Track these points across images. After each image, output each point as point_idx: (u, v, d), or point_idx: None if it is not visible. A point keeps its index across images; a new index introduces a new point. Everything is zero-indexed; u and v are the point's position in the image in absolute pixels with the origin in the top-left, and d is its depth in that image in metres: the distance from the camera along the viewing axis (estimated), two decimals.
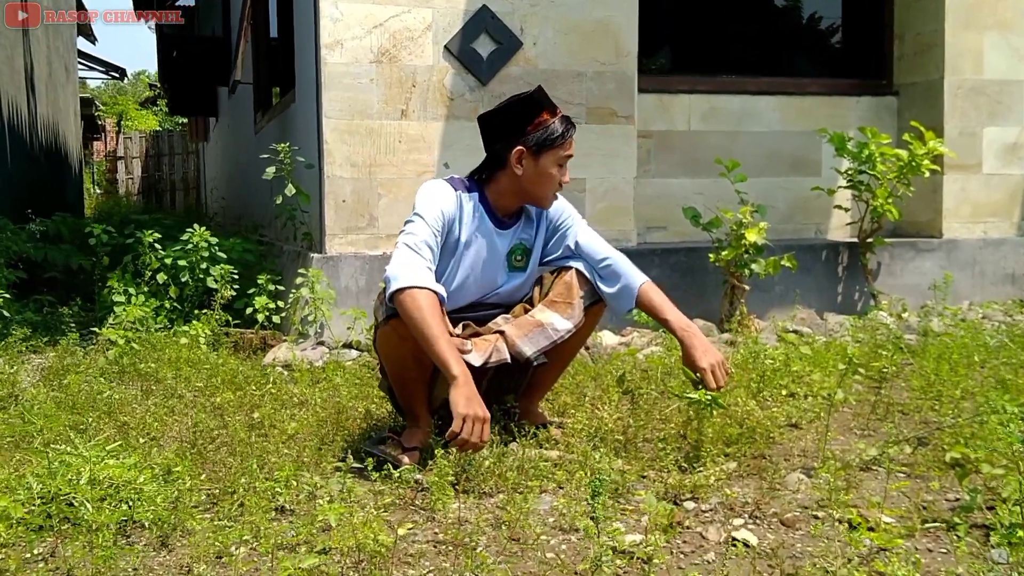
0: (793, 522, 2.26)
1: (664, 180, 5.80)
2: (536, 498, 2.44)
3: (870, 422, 3.26)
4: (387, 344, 2.83)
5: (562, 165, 2.91)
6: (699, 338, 2.90)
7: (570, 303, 2.97)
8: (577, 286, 3.00)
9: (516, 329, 2.91)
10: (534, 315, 2.97)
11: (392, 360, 2.87)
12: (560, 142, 2.87)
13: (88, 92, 25.26)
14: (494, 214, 2.96)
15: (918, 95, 6.07)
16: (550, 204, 3.01)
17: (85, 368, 4.12)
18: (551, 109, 2.89)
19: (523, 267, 3.06)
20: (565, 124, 2.89)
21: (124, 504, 2.35)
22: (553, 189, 2.95)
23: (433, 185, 2.92)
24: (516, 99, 2.90)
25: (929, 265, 5.80)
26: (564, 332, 2.93)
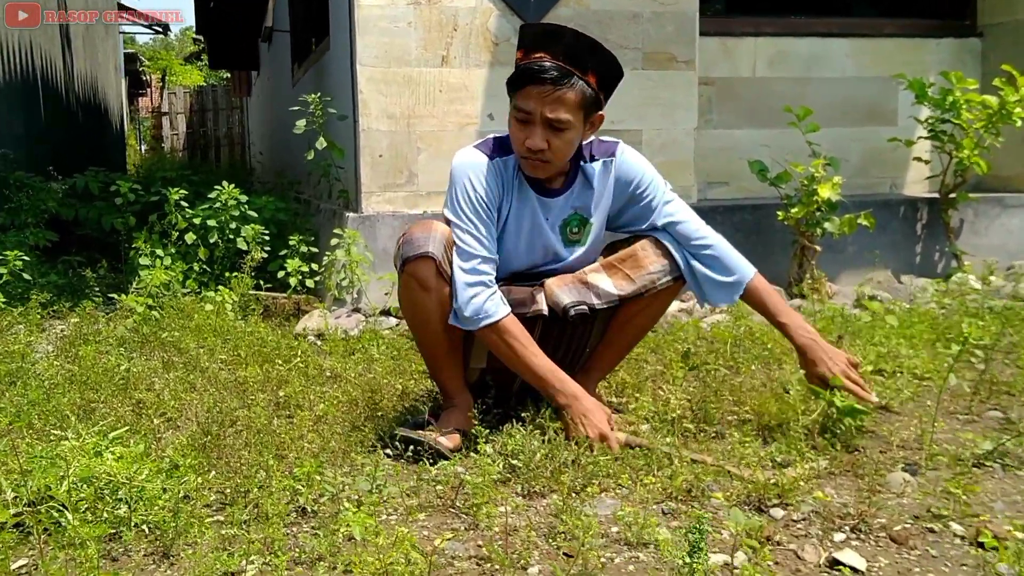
0: (905, 537, 1.89)
1: (727, 131, 5.36)
2: (595, 502, 2.09)
3: (973, 405, 2.86)
4: (410, 296, 2.47)
5: (522, 121, 2.37)
6: (821, 346, 2.52)
7: (630, 277, 2.57)
8: (649, 258, 2.57)
9: (557, 281, 2.57)
10: (585, 272, 2.60)
11: (416, 315, 2.50)
12: (512, 90, 2.38)
13: (133, 48, 25.14)
14: (535, 178, 2.51)
15: (1006, 36, 5.54)
16: (529, 171, 2.46)
17: (105, 337, 3.84)
18: (529, 46, 2.36)
19: (580, 240, 2.61)
20: (526, 70, 2.32)
21: (123, 505, 2.04)
22: (520, 151, 2.41)
23: (463, 161, 2.47)
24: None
25: (1016, 223, 5.32)
26: (606, 297, 2.55)
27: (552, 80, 2.32)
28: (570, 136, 2.40)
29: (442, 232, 2.43)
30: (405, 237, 2.46)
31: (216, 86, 21.03)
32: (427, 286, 2.42)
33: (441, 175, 4.62)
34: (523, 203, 2.51)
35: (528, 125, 2.37)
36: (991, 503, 2.10)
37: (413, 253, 2.41)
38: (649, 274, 2.57)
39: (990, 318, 3.66)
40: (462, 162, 2.48)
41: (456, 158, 2.50)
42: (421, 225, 2.48)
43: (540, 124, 2.36)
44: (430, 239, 2.41)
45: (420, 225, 2.48)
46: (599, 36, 4.66)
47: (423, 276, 2.41)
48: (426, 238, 2.41)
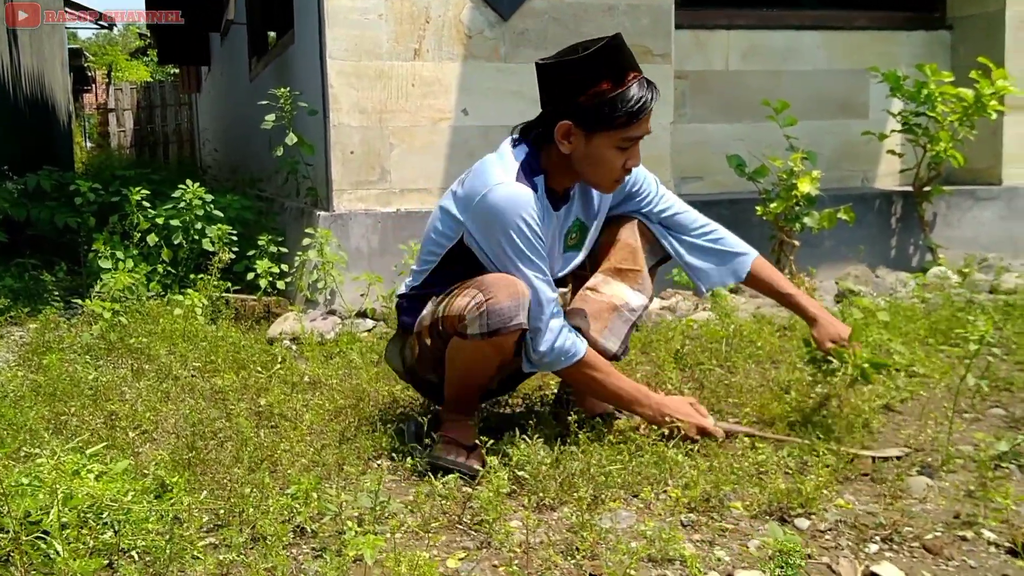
0: (939, 547, 1.82)
1: (700, 125, 5.30)
2: (612, 515, 2.00)
3: (976, 403, 2.81)
4: (478, 357, 2.27)
5: (626, 148, 2.27)
6: (831, 317, 2.57)
7: (638, 270, 2.49)
8: (640, 247, 2.51)
9: (593, 322, 2.43)
10: (601, 292, 2.47)
11: (473, 371, 2.33)
12: (623, 122, 2.22)
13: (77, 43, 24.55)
14: (552, 192, 2.38)
15: (975, 29, 5.55)
16: (611, 190, 2.42)
17: (69, 344, 3.66)
18: (617, 74, 2.20)
19: (576, 245, 2.51)
20: (636, 97, 2.20)
21: (109, 530, 1.91)
22: (613, 176, 2.32)
23: (513, 198, 2.22)
24: (574, 52, 2.23)
25: (988, 215, 5.32)
26: (640, 309, 2.49)
27: (654, 95, 2.26)
28: None
29: (527, 295, 2.22)
30: (489, 304, 2.17)
31: (164, 82, 20.59)
32: (505, 353, 2.26)
33: (414, 171, 4.49)
34: (548, 224, 2.38)
35: (631, 148, 2.29)
36: (1016, 507, 2.04)
37: (505, 326, 2.17)
38: (646, 262, 2.53)
39: (978, 313, 3.63)
40: (512, 199, 2.23)
41: (502, 193, 2.23)
42: (504, 288, 2.20)
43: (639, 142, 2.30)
44: (520, 307, 2.19)
45: (502, 288, 2.20)
46: (574, 29, 4.60)
47: (507, 346, 2.24)
48: (516, 307, 2.18)
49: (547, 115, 2.31)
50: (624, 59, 2.23)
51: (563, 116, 2.26)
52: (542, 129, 2.33)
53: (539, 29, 4.57)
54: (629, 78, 2.22)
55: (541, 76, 2.30)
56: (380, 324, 4.02)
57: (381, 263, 4.33)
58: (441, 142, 4.52)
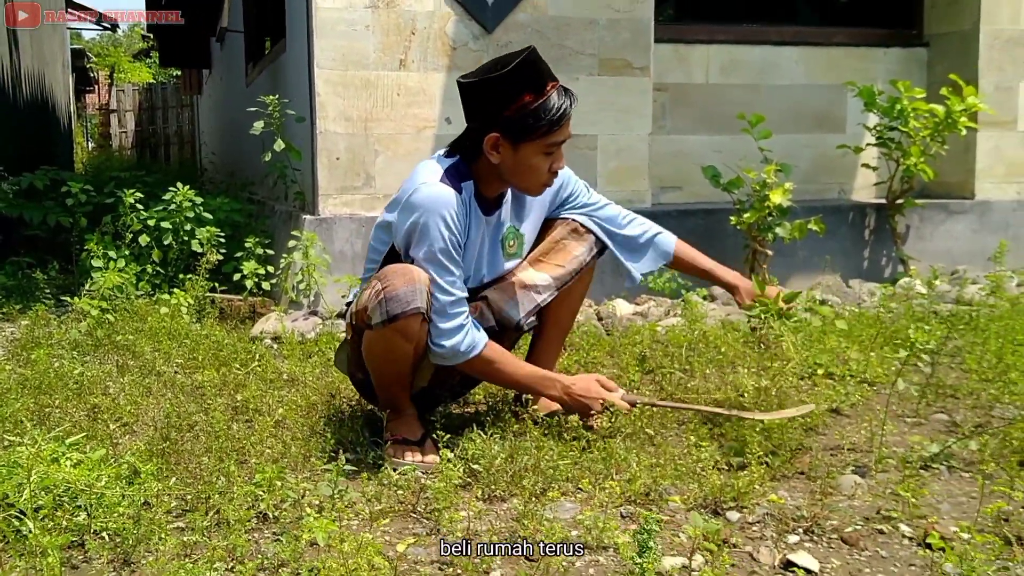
0: (856, 539, 1.95)
1: (680, 137, 5.43)
2: (556, 506, 2.12)
3: (920, 408, 2.94)
4: (388, 346, 2.40)
5: (551, 153, 2.44)
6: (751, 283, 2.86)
7: (559, 264, 2.68)
8: (570, 244, 2.71)
9: (499, 293, 2.62)
10: (516, 275, 2.67)
11: (388, 361, 2.46)
12: (545, 131, 2.37)
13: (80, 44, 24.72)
14: (482, 197, 2.53)
15: (950, 46, 5.69)
16: (539, 193, 2.58)
17: (58, 340, 3.80)
18: (536, 85, 2.35)
19: (517, 253, 2.68)
20: (557, 105, 2.36)
21: (82, 512, 2.03)
22: (541, 180, 2.49)
23: (433, 197, 2.37)
24: (495, 69, 2.35)
25: (960, 228, 5.46)
26: (547, 292, 2.67)
27: (572, 101, 2.43)
28: None
29: (423, 280, 2.36)
30: (387, 292, 2.33)
31: (166, 84, 20.75)
32: (411, 338, 2.38)
33: (399, 178, 4.62)
34: (477, 228, 2.53)
35: (555, 153, 2.45)
36: (938, 504, 2.17)
37: (403, 310, 2.31)
38: (575, 258, 2.70)
39: (935, 323, 3.76)
40: (432, 198, 2.38)
41: (423, 192, 2.39)
42: (399, 275, 2.35)
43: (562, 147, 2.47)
44: (416, 292, 2.33)
45: (398, 275, 2.35)
46: (556, 42, 4.75)
47: (412, 331, 2.36)
48: (412, 292, 2.32)
49: (474, 130, 2.46)
50: (542, 71, 2.38)
51: (490, 129, 2.40)
52: (469, 143, 2.47)
53: (522, 42, 4.71)
54: (548, 88, 2.38)
55: (465, 93, 2.45)
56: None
57: (363, 266, 4.45)
58: (425, 149, 4.65)
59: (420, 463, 2.40)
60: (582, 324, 3.98)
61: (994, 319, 3.83)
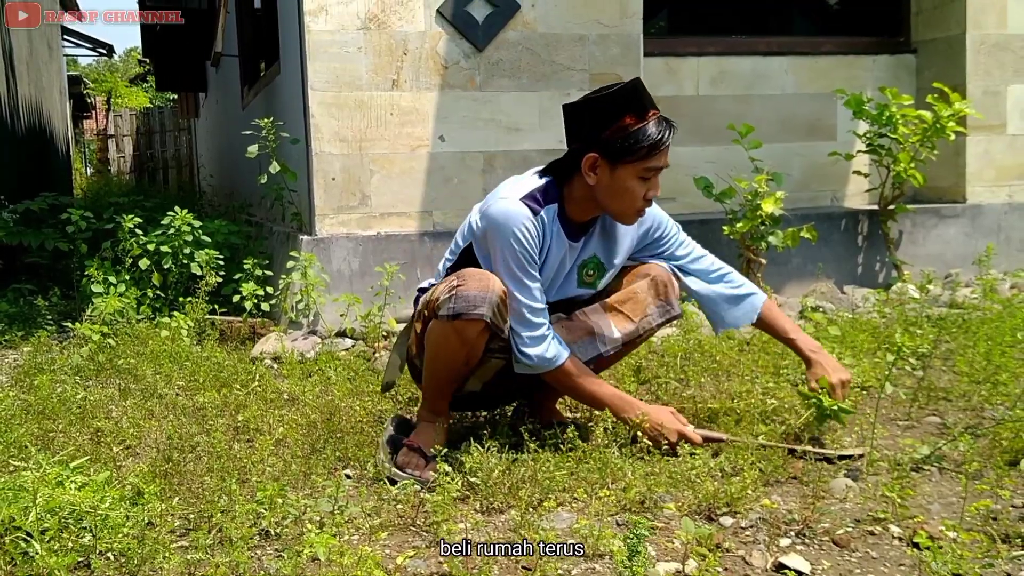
0: (847, 541, 1.99)
1: (673, 148, 5.40)
2: (552, 516, 2.16)
3: (912, 411, 2.98)
4: (444, 342, 2.48)
5: (648, 178, 2.47)
6: (829, 359, 2.73)
7: (630, 318, 2.68)
8: (647, 299, 2.69)
9: (566, 332, 2.63)
10: (588, 316, 2.68)
11: (440, 356, 2.53)
12: (644, 154, 2.42)
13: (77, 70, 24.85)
14: (569, 221, 2.57)
15: (938, 52, 5.75)
16: (632, 221, 2.60)
17: (60, 366, 3.84)
18: (639, 110, 2.42)
19: (593, 284, 2.70)
20: (656, 131, 2.42)
21: (87, 533, 2.07)
22: (635, 206, 2.51)
23: (510, 214, 2.45)
24: (603, 92, 2.45)
25: (953, 232, 5.50)
26: (612, 345, 2.67)
27: (672, 132, 2.48)
28: None
29: (499, 292, 2.43)
30: (459, 290, 2.41)
31: (163, 107, 20.86)
32: (468, 343, 2.46)
33: (394, 197, 4.68)
34: (559, 250, 2.57)
35: (651, 180, 2.48)
36: (928, 505, 2.21)
37: (468, 313, 2.39)
38: (646, 317, 2.68)
39: (927, 326, 3.80)
40: (506, 214, 2.46)
41: (498, 207, 2.47)
42: (477, 279, 2.43)
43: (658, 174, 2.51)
44: (486, 301, 2.40)
45: (475, 278, 2.43)
46: (546, 59, 4.80)
47: (469, 335, 2.44)
48: (482, 299, 2.39)
49: (573, 151, 2.52)
50: (644, 98, 2.45)
51: (589, 149, 2.46)
52: (566, 164, 2.53)
53: (513, 59, 4.77)
54: (649, 114, 2.44)
55: (568, 116, 2.52)
56: (359, 343, 4.19)
57: (362, 285, 4.50)
58: (419, 168, 4.71)
59: (419, 478, 2.44)
60: None
61: (985, 321, 3.88)
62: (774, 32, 5.85)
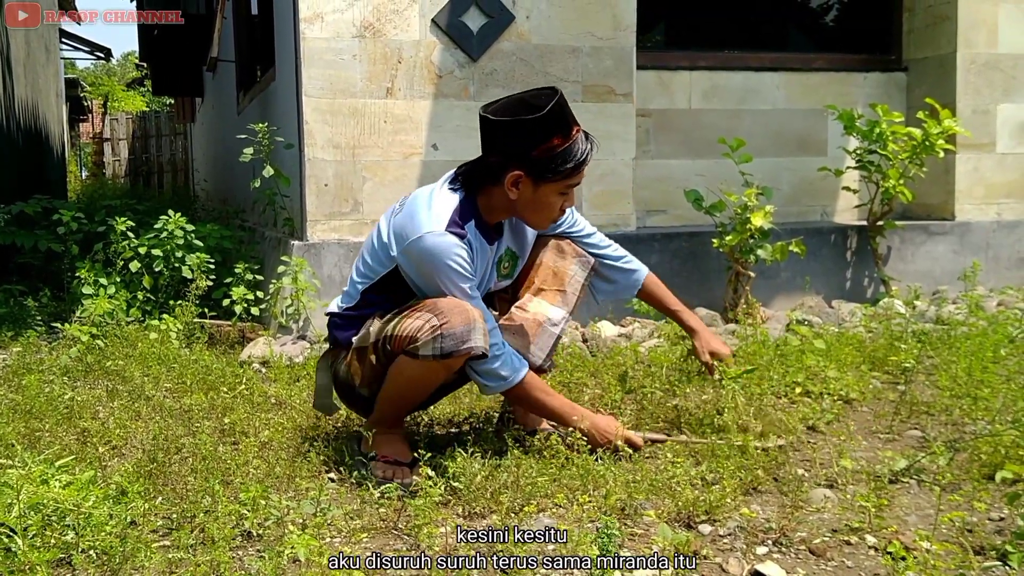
0: (823, 550, 2.01)
1: (664, 161, 5.52)
2: (532, 521, 2.18)
3: (894, 425, 3.01)
4: (429, 374, 2.47)
5: (566, 193, 2.52)
6: (710, 332, 2.96)
7: (560, 290, 2.74)
8: (565, 266, 2.77)
9: (519, 339, 2.66)
10: (526, 309, 2.72)
11: (411, 388, 2.53)
12: (569, 172, 2.44)
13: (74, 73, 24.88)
14: (485, 227, 2.57)
15: (929, 71, 5.79)
16: (547, 227, 2.70)
17: (49, 366, 3.85)
18: (564, 130, 2.41)
19: (510, 274, 2.76)
20: (581, 150, 2.43)
21: (70, 531, 2.08)
22: (552, 216, 2.58)
23: (441, 245, 2.41)
24: (526, 111, 2.40)
25: (941, 249, 5.54)
26: (561, 322, 2.74)
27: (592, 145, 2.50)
28: None
29: (479, 318, 2.42)
30: (444, 328, 2.36)
31: (160, 112, 20.87)
32: (454, 370, 2.50)
33: (387, 204, 4.68)
34: (483, 260, 2.59)
35: (570, 193, 2.54)
36: (906, 517, 2.23)
37: (457, 349, 2.37)
38: (573, 279, 2.76)
39: (912, 342, 3.83)
40: (440, 248, 2.42)
41: (430, 242, 2.42)
42: (456, 312, 2.39)
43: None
44: (472, 331, 2.38)
45: (455, 312, 2.38)
46: (540, 70, 4.83)
47: (456, 366, 2.47)
48: (469, 331, 2.37)
49: (494, 164, 2.47)
50: (568, 115, 2.44)
51: (514, 167, 2.44)
52: (482, 174, 2.51)
53: (507, 69, 4.80)
54: (574, 132, 2.44)
55: (490, 128, 2.46)
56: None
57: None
58: (412, 176, 4.73)
59: (403, 482, 2.45)
60: (567, 346, 4.05)
61: (969, 337, 3.91)
62: (766, 48, 5.89)
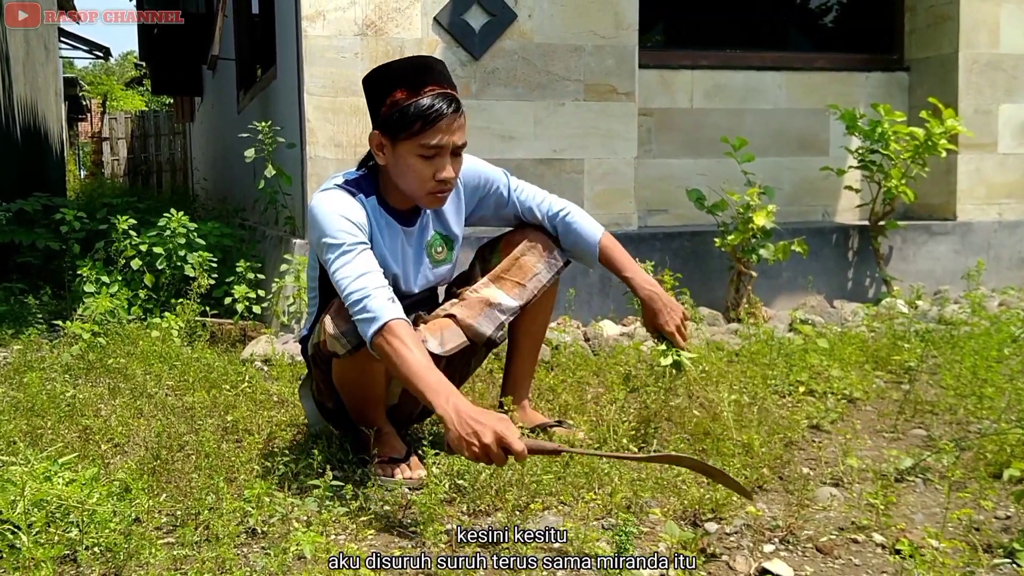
0: (830, 548, 2.00)
1: (665, 161, 5.51)
2: (538, 519, 2.17)
3: (898, 424, 3.00)
4: (356, 373, 2.44)
5: (431, 157, 2.36)
6: (663, 298, 2.71)
7: (519, 283, 2.64)
8: (530, 261, 2.66)
9: (466, 310, 2.57)
10: (479, 292, 2.63)
11: (357, 387, 2.50)
12: (417, 129, 2.32)
13: (73, 72, 24.86)
14: (393, 210, 2.52)
15: (931, 71, 5.79)
16: (432, 204, 2.49)
17: (50, 364, 3.84)
18: (412, 85, 2.33)
19: (446, 259, 2.68)
20: (428, 105, 2.31)
21: (74, 528, 2.08)
22: (425, 187, 2.40)
23: (325, 199, 2.38)
24: (382, 65, 2.41)
25: (943, 249, 5.54)
26: (510, 311, 2.62)
27: (455, 108, 2.37)
28: (463, 158, 2.49)
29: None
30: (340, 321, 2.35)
31: (158, 111, 20.87)
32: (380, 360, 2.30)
33: None
34: (393, 237, 2.52)
35: (436, 159, 2.38)
36: (912, 515, 2.23)
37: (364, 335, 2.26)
38: (535, 276, 2.65)
39: (915, 341, 3.82)
40: (324, 200, 2.39)
41: (319, 197, 2.41)
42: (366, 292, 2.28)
43: (450, 154, 2.40)
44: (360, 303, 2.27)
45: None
46: (542, 68, 4.82)
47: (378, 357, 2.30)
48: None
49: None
50: (421, 74, 2.36)
51: (374, 128, 2.42)
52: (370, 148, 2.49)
53: (509, 68, 4.80)
54: (426, 90, 2.34)
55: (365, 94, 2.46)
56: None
57: None
58: None
59: (409, 479, 2.44)
60: (569, 345, 4.04)
61: (972, 336, 3.90)
62: (768, 47, 5.89)
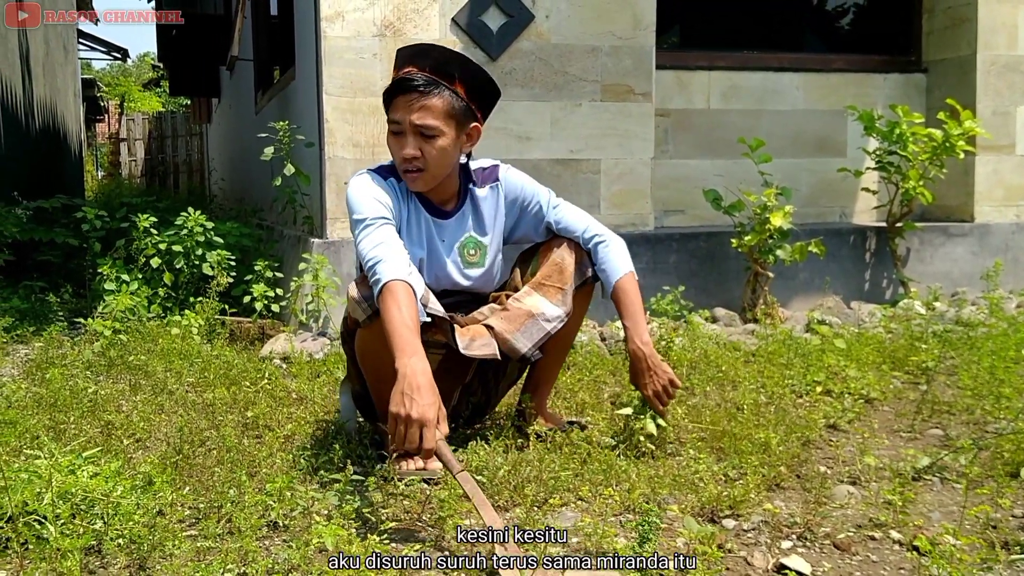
0: (848, 545, 2.01)
1: (682, 161, 5.52)
2: (556, 514, 2.19)
3: (915, 424, 3.00)
4: (374, 344, 2.42)
5: (397, 133, 2.46)
6: (650, 359, 2.61)
7: (561, 288, 2.64)
8: (569, 266, 2.66)
9: (506, 323, 2.59)
10: (521, 301, 2.64)
11: (377, 358, 2.47)
12: (387, 105, 2.48)
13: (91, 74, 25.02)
14: (426, 199, 2.58)
15: (949, 72, 5.78)
16: (410, 184, 2.51)
17: (71, 360, 3.88)
18: (399, 65, 2.48)
19: (479, 262, 2.68)
20: (395, 83, 2.44)
21: (99, 520, 2.10)
22: (399, 164, 2.49)
23: (360, 183, 2.48)
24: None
25: (960, 251, 5.53)
26: (557, 321, 2.62)
27: (417, 88, 2.40)
28: (442, 144, 2.45)
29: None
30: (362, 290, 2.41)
31: (176, 112, 20.97)
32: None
33: None
34: (419, 222, 2.56)
35: (401, 136, 2.44)
36: (929, 513, 2.23)
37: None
38: (572, 280, 2.65)
39: (932, 342, 3.82)
40: (355, 183, 2.50)
41: (349, 185, 2.51)
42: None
43: (411, 133, 2.43)
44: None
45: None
46: (559, 69, 4.84)
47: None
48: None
49: None
50: (412, 56, 2.46)
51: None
52: None
53: (526, 68, 4.81)
54: (404, 70, 2.45)
55: None
56: None
57: None
58: None
59: (423, 471, 2.46)
60: (585, 344, 4.05)
61: (990, 337, 3.90)
62: (785, 48, 5.89)
